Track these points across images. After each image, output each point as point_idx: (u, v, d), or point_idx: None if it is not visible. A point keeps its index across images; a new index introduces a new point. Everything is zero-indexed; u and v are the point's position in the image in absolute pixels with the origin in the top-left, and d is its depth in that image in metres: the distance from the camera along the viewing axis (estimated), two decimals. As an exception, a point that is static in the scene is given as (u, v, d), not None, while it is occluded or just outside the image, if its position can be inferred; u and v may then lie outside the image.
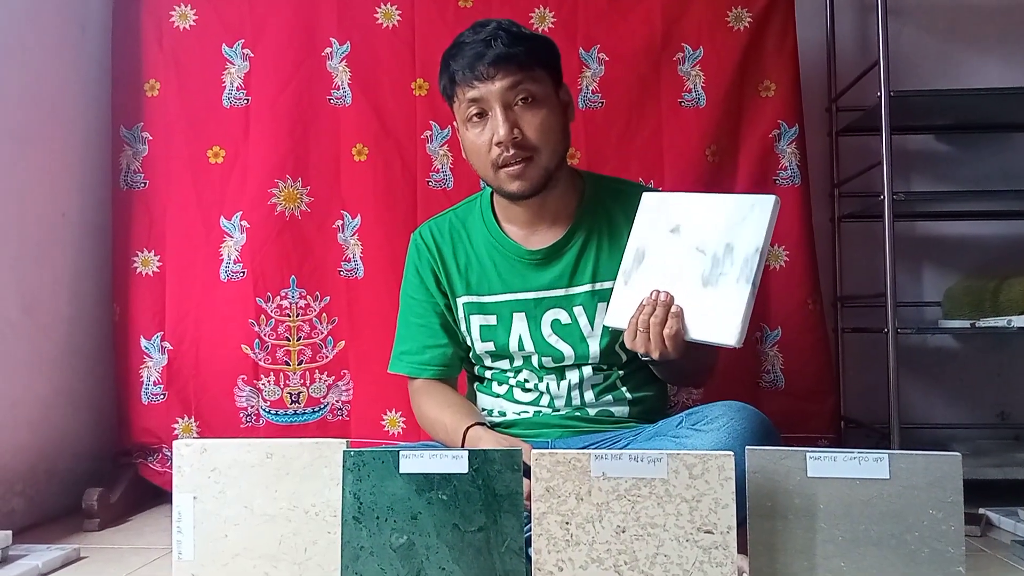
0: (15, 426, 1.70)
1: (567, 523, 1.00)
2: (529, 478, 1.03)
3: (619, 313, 1.27)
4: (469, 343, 1.46)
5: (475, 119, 1.33)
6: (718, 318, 1.17)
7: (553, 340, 1.40)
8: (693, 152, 1.88)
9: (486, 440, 1.29)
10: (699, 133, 1.88)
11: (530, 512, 1.02)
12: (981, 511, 1.56)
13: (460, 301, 1.45)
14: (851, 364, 2.05)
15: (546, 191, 1.36)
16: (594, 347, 1.39)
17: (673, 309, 1.19)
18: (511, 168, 1.32)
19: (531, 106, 1.32)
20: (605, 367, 1.42)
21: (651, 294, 1.22)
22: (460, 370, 1.52)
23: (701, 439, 1.21)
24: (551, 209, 1.41)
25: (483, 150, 1.33)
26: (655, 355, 1.21)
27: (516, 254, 1.42)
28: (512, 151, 1.31)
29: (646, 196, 1.32)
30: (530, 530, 1.02)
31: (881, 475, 0.99)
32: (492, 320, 1.43)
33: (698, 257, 1.21)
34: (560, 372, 1.42)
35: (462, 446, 1.31)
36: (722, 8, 1.89)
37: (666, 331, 1.19)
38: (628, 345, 1.24)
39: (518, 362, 1.44)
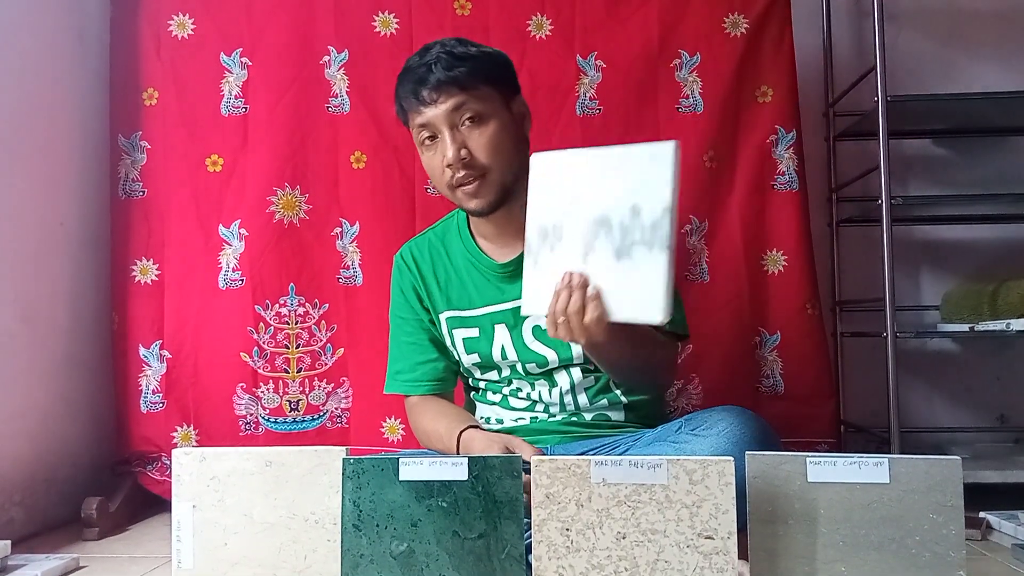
0: (14, 436, 1.70)
1: (567, 529, 1.00)
2: (528, 473, 1.03)
3: (534, 300, 1.16)
4: (456, 357, 1.48)
5: (428, 142, 1.35)
6: (640, 293, 1.06)
7: (536, 346, 1.40)
8: (691, 158, 1.88)
9: (479, 440, 1.29)
10: (697, 139, 1.88)
11: (529, 510, 1.02)
12: (981, 515, 1.56)
13: (442, 317, 1.47)
14: (850, 368, 2.05)
15: (509, 203, 1.37)
16: (576, 347, 1.39)
17: (590, 292, 1.10)
18: (466, 188, 1.33)
19: (478, 125, 1.32)
20: (592, 367, 1.41)
21: (564, 277, 1.12)
22: (455, 384, 1.53)
23: (701, 444, 1.21)
24: (518, 219, 1.38)
25: (437, 172, 1.35)
26: (582, 343, 1.14)
27: (490, 268, 1.44)
28: (463, 172, 1.32)
29: (535, 158, 1.19)
30: (530, 536, 1.02)
31: (881, 479, 0.99)
32: (475, 332, 1.44)
33: (604, 227, 1.09)
34: (550, 378, 1.42)
35: (457, 450, 1.31)
36: (719, 14, 1.89)
37: (587, 318, 1.09)
38: (551, 336, 1.15)
39: (506, 372, 1.45)
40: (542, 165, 1.18)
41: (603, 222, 1.09)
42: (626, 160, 1.09)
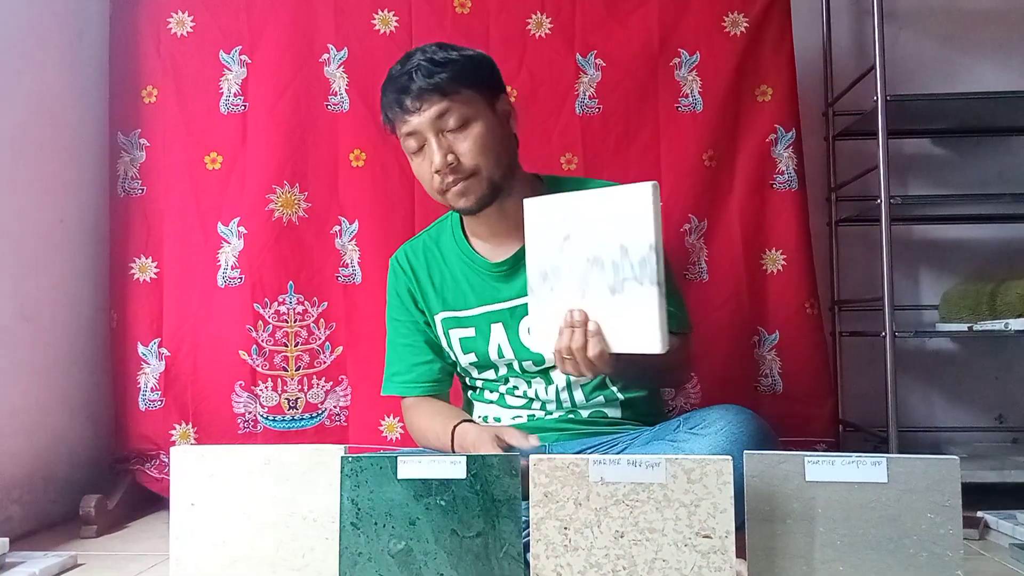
0: (12, 433, 1.70)
1: (565, 528, 1.00)
2: (524, 458, 1.04)
3: (542, 339, 1.22)
4: (453, 358, 1.48)
5: (415, 150, 1.35)
6: (636, 327, 1.11)
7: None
8: (690, 157, 1.88)
9: (472, 433, 1.30)
10: (696, 138, 1.88)
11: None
12: (979, 514, 1.56)
13: (438, 318, 1.47)
14: (849, 368, 2.06)
15: (500, 201, 1.37)
16: None
17: (591, 327, 1.14)
18: (455, 188, 1.34)
19: (463, 128, 1.32)
20: None
21: (566, 316, 1.16)
22: (451, 385, 1.54)
23: (699, 443, 1.22)
24: (511, 217, 1.39)
25: (427, 178, 1.36)
26: (589, 376, 1.18)
27: (484, 268, 1.44)
28: (452, 177, 1.33)
29: (527, 204, 1.24)
30: (528, 535, 1.02)
31: (879, 479, 0.99)
32: (471, 332, 1.45)
33: (598, 265, 1.15)
34: (546, 375, 1.43)
35: (451, 444, 1.32)
36: (719, 13, 1.89)
37: (590, 353, 1.14)
38: (561, 372, 1.21)
39: (503, 371, 1.45)
40: (535, 210, 1.23)
41: (596, 261, 1.15)
42: (610, 202, 1.15)
